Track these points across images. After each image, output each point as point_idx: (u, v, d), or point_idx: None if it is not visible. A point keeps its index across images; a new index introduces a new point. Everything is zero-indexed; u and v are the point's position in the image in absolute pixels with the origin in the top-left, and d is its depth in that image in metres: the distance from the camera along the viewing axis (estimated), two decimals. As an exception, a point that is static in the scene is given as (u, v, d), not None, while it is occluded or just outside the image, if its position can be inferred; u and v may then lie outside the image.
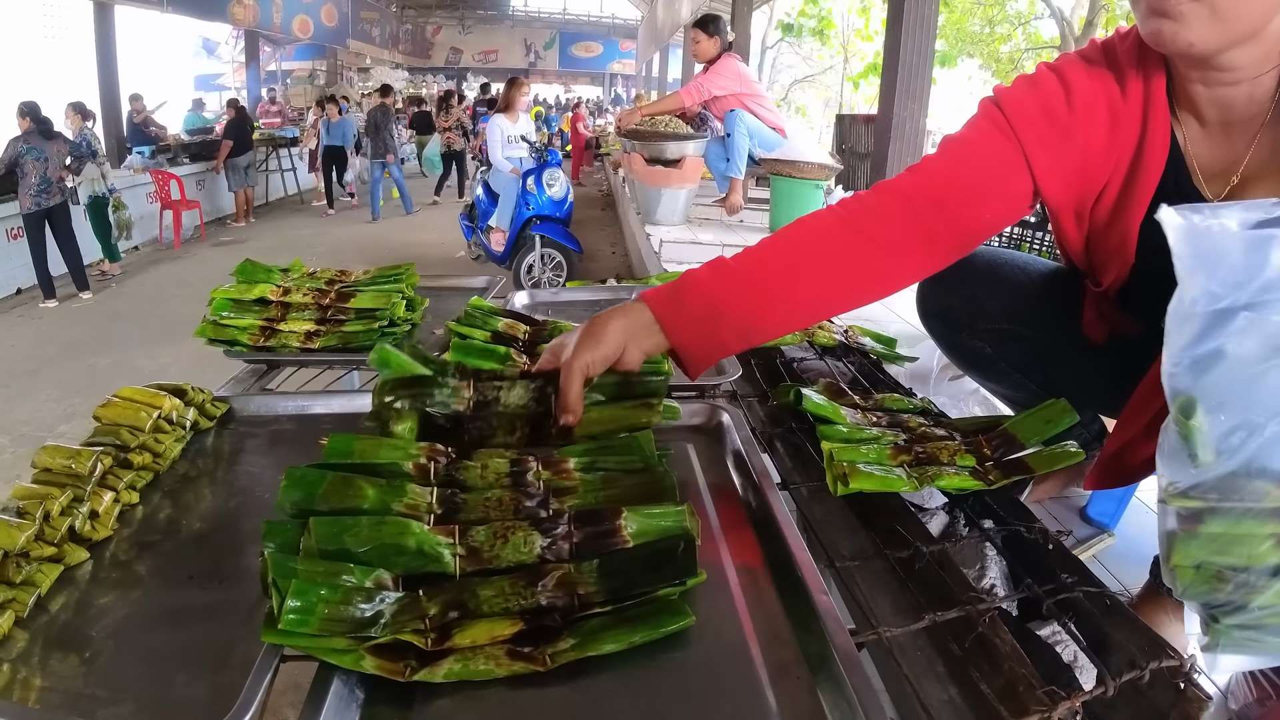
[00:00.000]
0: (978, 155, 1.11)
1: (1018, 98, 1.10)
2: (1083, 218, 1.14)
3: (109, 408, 1.13)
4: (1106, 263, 1.17)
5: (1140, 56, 1.05)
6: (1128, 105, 1.05)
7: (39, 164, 6.42)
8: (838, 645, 0.73)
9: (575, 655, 0.73)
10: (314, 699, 0.68)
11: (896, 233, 1.07)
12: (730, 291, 1.06)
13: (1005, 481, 1.11)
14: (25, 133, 6.43)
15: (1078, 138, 1.07)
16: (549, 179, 6.47)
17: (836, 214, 1.10)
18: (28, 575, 0.86)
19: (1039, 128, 1.07)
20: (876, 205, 1.09)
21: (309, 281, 1.61)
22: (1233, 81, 0.96)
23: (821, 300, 1.10)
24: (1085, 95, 1.07)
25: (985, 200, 1.10)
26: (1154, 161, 1.05)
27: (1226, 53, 0.91)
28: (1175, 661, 0.80)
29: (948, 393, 2.01)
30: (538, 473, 0.94)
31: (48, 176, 6.48)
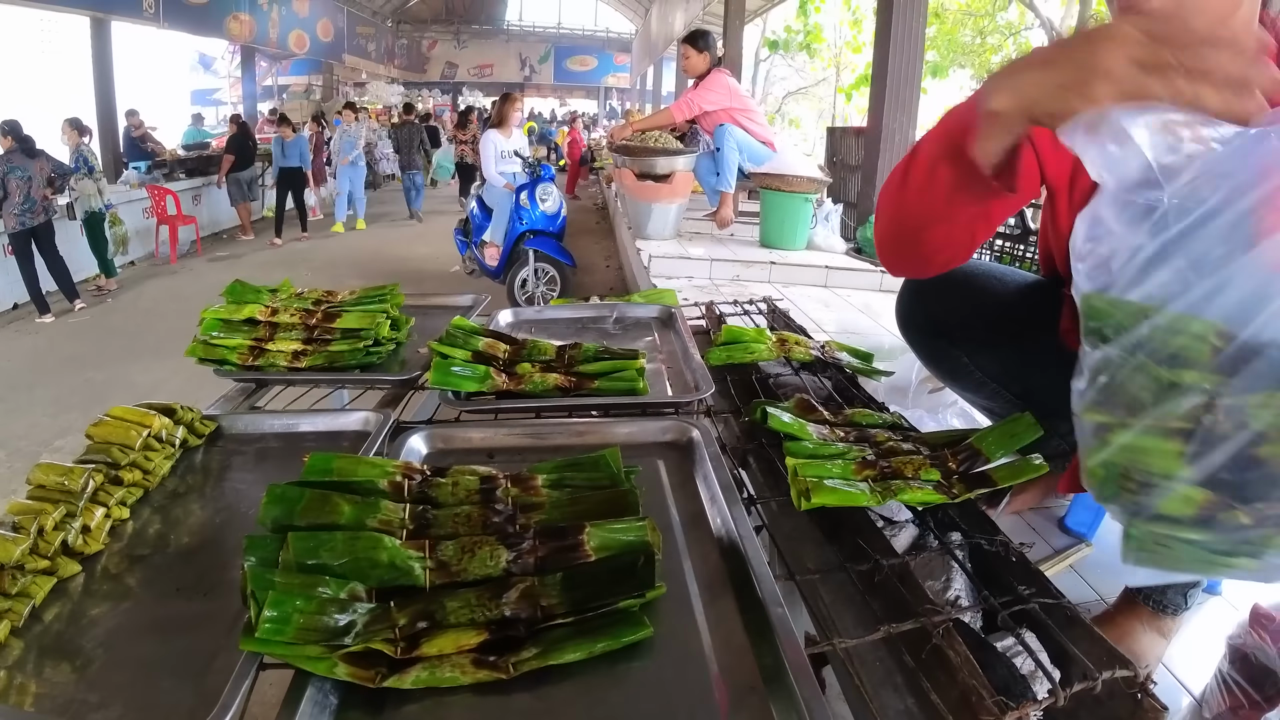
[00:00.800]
0: None
1: None
2: (1074, 193, 1.17)
3: (101, 426, 1.17)
4: None
5: None
6: None
7: (23, 183, 6.43)
8: (790, 657, 0.76)
9: (538, 664, 0.77)
10: (289, 704, 0.71)
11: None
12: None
13: (969, 495, 1.13)
14: (8, 151, 6.45)
15: None
16: (542, 193, 6.50)
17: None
18: (22, 587, 0.90)
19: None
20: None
21: (296, 302, 1.65)
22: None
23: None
24: None
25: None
26: None
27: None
28: (1129, 672, 0.81)
29: (927, 405, 2.05)
30: (506, 489, 0.98)
31: (32, 195, 6.48)
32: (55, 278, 6.89)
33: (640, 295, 2.21)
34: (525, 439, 1.27)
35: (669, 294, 2.12)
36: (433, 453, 1.24)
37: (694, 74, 4.98)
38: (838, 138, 7.15)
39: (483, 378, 1.37)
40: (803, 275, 4.01)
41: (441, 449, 1.25)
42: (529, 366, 1.43)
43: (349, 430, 1.32)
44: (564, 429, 1.29)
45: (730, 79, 4.94)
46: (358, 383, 1.55)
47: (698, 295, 2.17)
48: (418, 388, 1.53)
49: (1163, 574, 0.76)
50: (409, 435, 1.21)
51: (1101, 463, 0.70)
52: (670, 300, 2.05)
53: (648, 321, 1.93)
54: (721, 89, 4.82)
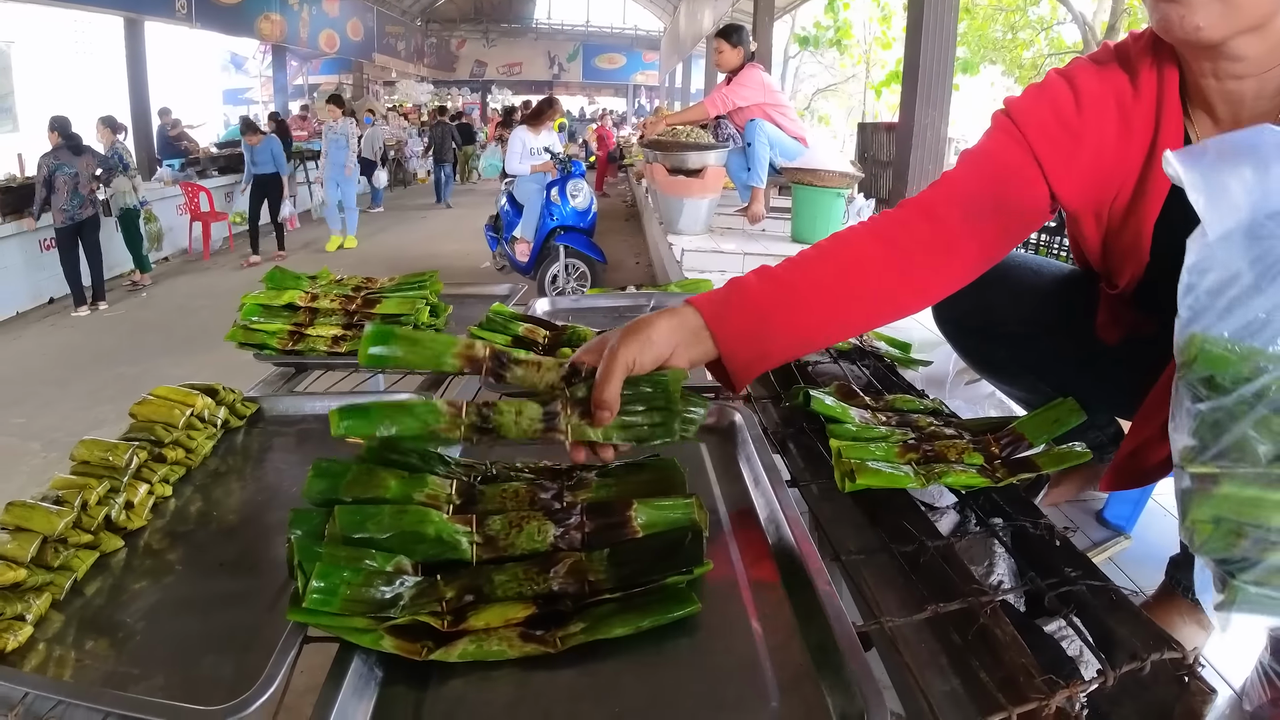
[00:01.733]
0: (993, 166, 1.12)
1: (1027, 106, 1.12)
2: (1101, 218, 1.15)
3: (145, 405, 1.18)
4: (1121, 263, 1.18)
5: (1154, 55, 1.06)
6: (1140, 104, 1.06)
7: (69, 179, 6.56)
8: (838, 633, 0.75)
9: (585, 638, 0.76)
10: (334, 676, 0.71)
11: (926, 247, 1.08)
12: (779, 302, 1.04)
13: (1011, 479, 1.12)
14: (55, 148, 6.59)
15: (1088, 140, 1.08)
16: (573, 189, 6.52)
17: (870, 230, 1.11)
18: (65, 560, 0.91)
19: (1049, 133, 1.08)
20: (905, 220, 1.10)
21: (336, 288, 1.66)
22: (1242, 74, 0.97)
23: (866, 312, 1.10)
24: (1093, 97, 1.08)
25: (1005, 210, 1.11)
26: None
27: (1234, 40, 0.92)
28: (1178, 654, 0.80)
29: (963, 396, 2.03)
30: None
31: (79, 191, 6.62)
32: (93, 274, 7.01)
33: (676, 285, 2.20)
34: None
35: (704, 284, 2.11)
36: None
37: (727, 69, 4.95)
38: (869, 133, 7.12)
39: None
40: (835, 269, 3.97)
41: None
42: (569, 351, 1.42)
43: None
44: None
45: (764, 74, 4.91)
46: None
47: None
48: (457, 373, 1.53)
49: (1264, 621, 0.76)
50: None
51: (1211, 517, 0.69)
52: (706, 289, 2.03)
53: (684, 310, 1.91)
54: (755, 84, 4.80)
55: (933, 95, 4.41)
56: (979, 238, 1.10)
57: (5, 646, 0.79)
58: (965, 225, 1.09)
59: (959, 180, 1.13)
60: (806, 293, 1.06)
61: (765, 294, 1.05)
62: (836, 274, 1.07)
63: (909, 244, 1.08)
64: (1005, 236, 1.13)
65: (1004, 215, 1.11)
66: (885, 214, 1.13)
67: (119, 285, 7.79)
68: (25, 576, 0.86)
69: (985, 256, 1.12)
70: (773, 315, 1.04)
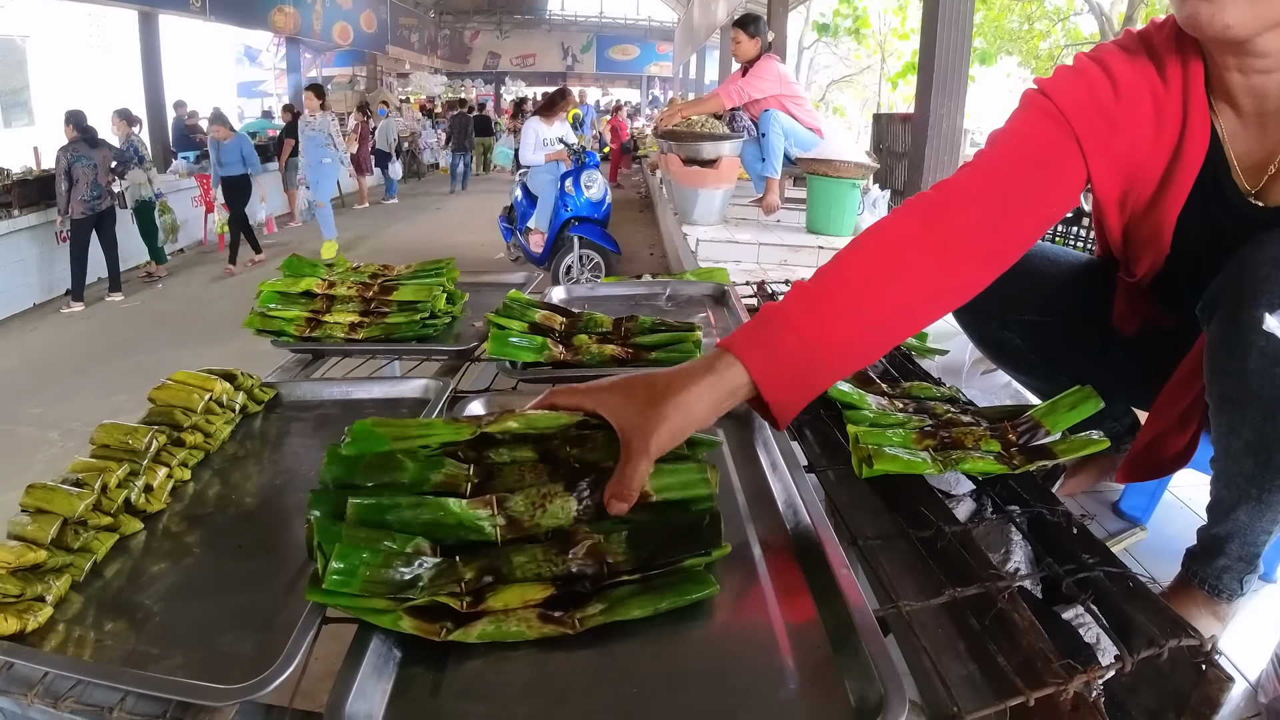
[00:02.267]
0: (1033, 146, 1.08)
1: (1066, 86, 1.08)
2: (1125, 208, 1.14)
3: (164, 390, 1.18)
4: (1141, 252, 1.17)
5: (1178, 46, 1.04)
6: (1169, 95, 1.05)
7: (88, 170, 6.60)
8: (857, 616, 0.75)
9: (603, 620, 0.76)
10: (353, 656, 0.71)
11: (971, 234, 1.03)
12: (825, 328, 0.95)
13: (1029, 466, 1.11)
14: (72, 141, 6.63)
15: (1126, 128, 1.06)
16: (587, 180, 6.53)
17: (911, 219, 1.04)
18: (85, 542, 0.91)
19: (1090, 115, 1.06)
20: (948, 206, 1.05)
21: (353, 275, 1.66)
22: (1268, 69, 0.95)
23: (912, 317, 1.03)
24: (1130, 85, 1.05)
25: (1044, 190, 1.08)
26: (1194, 153, 1.05)
27: (1262, 36, 0.91)
28: (1195, 641, 0.79)
29: (980, 386, 2.02)
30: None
31: (98, 182, 6.67)
32: (109, 265, 7.05)
33: (692, 273, 2.19)
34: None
35: (720, 272, 2.11)
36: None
37: (744, 59, 4.93)
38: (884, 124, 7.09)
39: (540, 348, 1.37)
40: (850, 259, 3.96)
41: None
42: (586, 338, 1.42)
43: (408, 398, 1.33)
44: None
45: (780, 65, 4.89)
46: (414, 353, 1.56)
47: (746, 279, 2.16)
48: (474, 359, 1.54)
49: None
50: (467, 402, 1.21)
51: None
52: (722, 278, 2.03)
53: (700, 299, 1.91)
54: (771, 76, 4.77)
55: (948, 86, 4.37)
56: (1021, 221, 1.07)
57: (25, 627, 0.79)
58: (1008, 208, 1.05)
59: (998, 161, 1.09)
60: (852, 308, 0.98)
61: (811, 324, 0.95)
62: (880, 279, 0.99)
63: (957, 232, 1.02)
64: (1043, 218, 1.11)
65: (1043, 196, 1.08)
66: (924, 199, 1.07)
67: (134, 277, 7.83)
68: (45, 558, 0.86)
69: (1024, 240, 1.09)
70: (821, 348, 0.95)
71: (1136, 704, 0.84)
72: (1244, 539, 1.07)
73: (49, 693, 0.76)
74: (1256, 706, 1.11)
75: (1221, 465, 1.05)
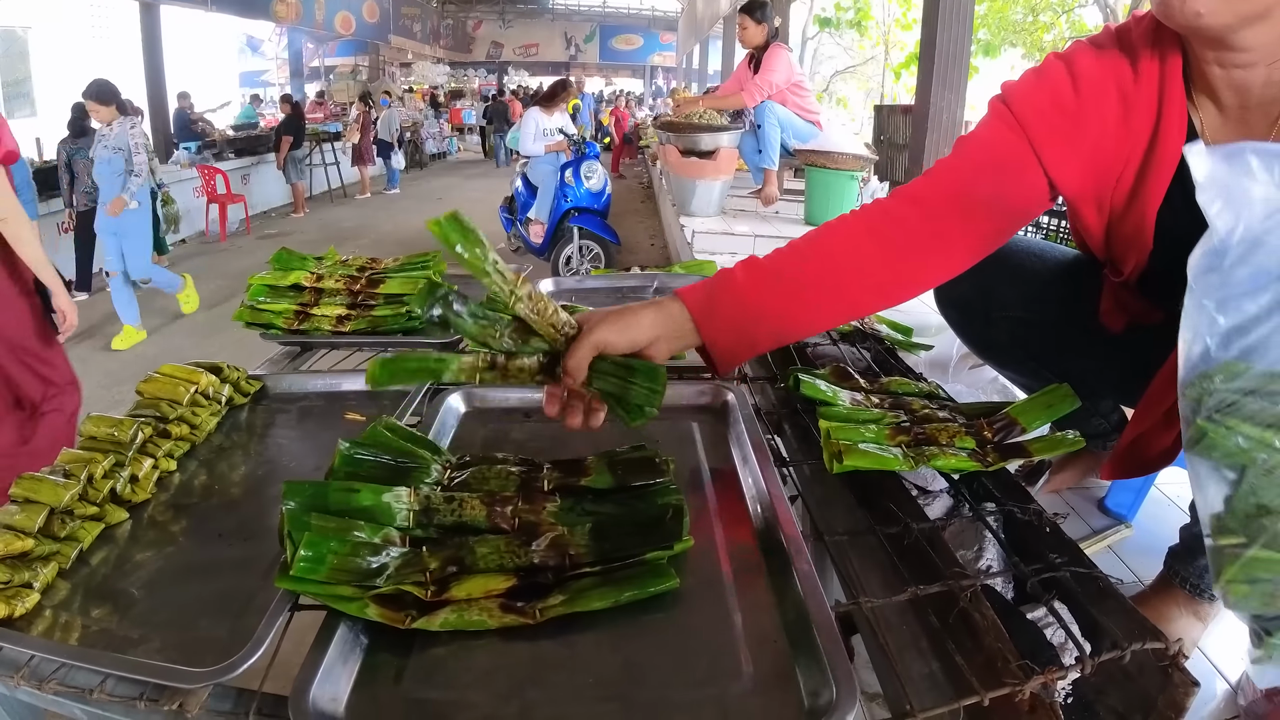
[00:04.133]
0: (987, 154, 1.10)
1: (1024, 92, 1.10)
2: (1103, 207, 1.14)
3: (150, 383, 1.21)
4: (1125, 251, 1.17)
5: (1155, 39, 1.03)
6: (1140, 89, 1.04)
7: (87, 163, 6.57)
8: (814, 612, 0.76)
9: (564, 610, 0.78)
10: (320, 642, 0.74)
11: (916, 240, 1.08)
12: (765, 292, 1.07)
13: (1002, 464, 1.12)
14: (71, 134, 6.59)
15: (1089, 124, 1.06)
16: (587, 171, 6.52)
17: (859, 220, 1.11)
18: (71, 531, 0.94)
19: (1047, 119, 1.07)
20: (895, 212, 1.10)
21: (341, 269, 1.68)
22: (1248, 63, 0.95)
23: (852, 303, 1.12)
24: (1092, 81, 1.06)
25: (1000, 201, 1.10)
26: (1170, 148, 1.04)
27: (1239, 31, 0.90)
28: (1161, 645, 0.79)
29: (966, 381, 2.03)
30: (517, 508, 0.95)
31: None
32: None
33: (681, 266, 2.21)
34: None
35: (709, 265, 2.12)
36: (470, 412, 1.26)
37: (750, 45, 4.91)
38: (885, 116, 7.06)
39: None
40: (847, 253, 3.97)
41: (479, 408, 1.27)
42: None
43: (389, 390, 1.34)
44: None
45: (789, 53, 4.88)
46: (400, 345, 1.58)
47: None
48: (458, 351, 1.55)
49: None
50: (446, 395, 1.23)
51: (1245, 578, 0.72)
52: (710, 271, 2.04)
53: (687, 292, 1.92)
54: (783, 65, 4.76)
55: (950, 78, 4.36)
56: (972, 229, 1.09)
57: (13, 613, 0.82)
58: (957, 217, 1.08)
59: (953, 170, 1.12)
60: (792, 283, 1.08)
61: (751, 284, 1.07)
62: (823, 266, 1.09)
63: (899, 237, 1.08)
64: (1000, 228, 1.13)
65: (998, 207, 1.10)
66: (878, 203, 1.13)
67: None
68: (33, 546, 0.89)
69: (978, 248, 1.12)
70: (758, 305, 1.06)
71: (1104, 706, 0.84)
72: None
73: (35, 675, 0.79)
74: (1235, 709, 1.12)
75: None
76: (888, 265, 1.09)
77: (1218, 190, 0.68)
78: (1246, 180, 0.65)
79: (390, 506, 0.88)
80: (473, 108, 21.01)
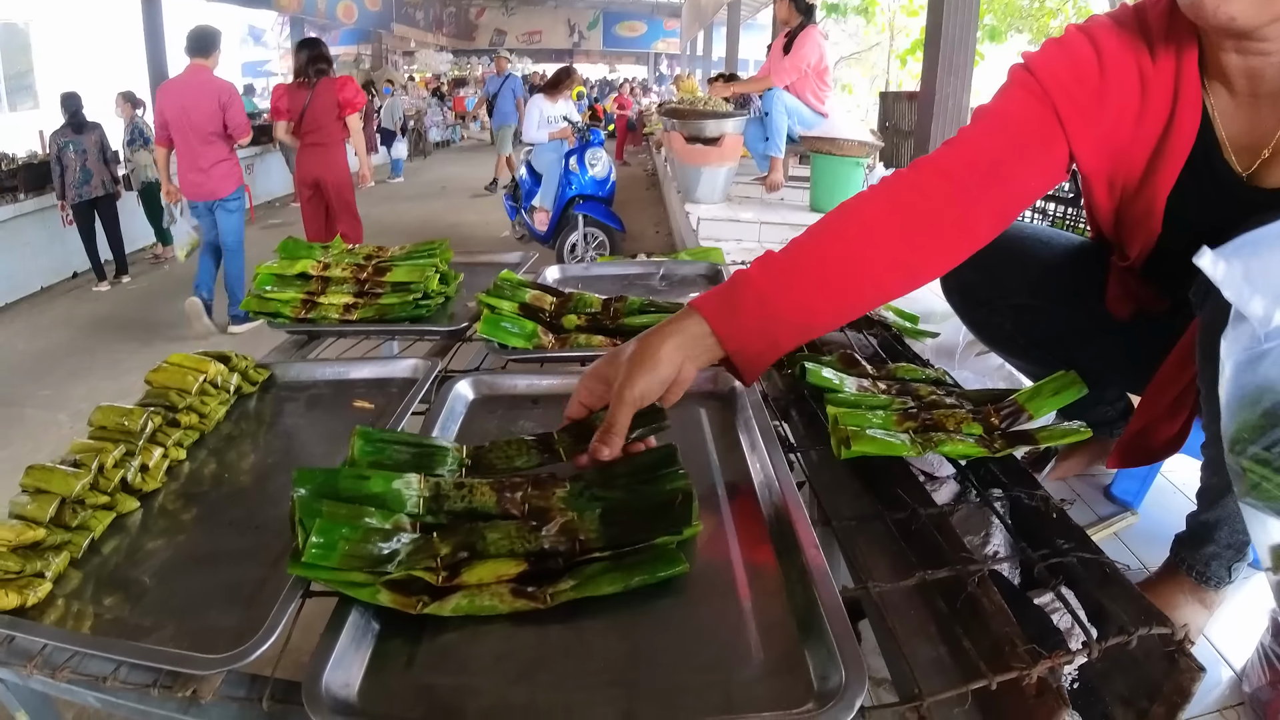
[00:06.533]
0: (1013, 123, 1.08)
1: (1050, 61, 1.07)
2: (1114, 186, 1.13)
3: (159, 372, 1.21)
4: (1133, 234, 1.16)
5: (1170, 24, 1.02)
6: (1159, 72, 1.03)
7: (78, 156, 6.54)
8: (823, 597, 0.76)
9: (575, 595, 0.78)
10: (332, 628, 0.74)
11: (942, 211, 1.05)
12: (785, 288, 1.02)
13: (1009, 450, 1.12)
14: (63, 126, 6.57)
15: (1110, 103, 1.05)
16: (591, 158, 6.51)
17: (881, 195, 1.08)
18: (82, 520, 0.95)
19: (1072, 91, 1.05)
20: (920, 183, 1.07)
21: (348, 257, 1.68)
22: (1268, 52, 0.94)
23: (877, 286, 1.08)
24: (1117, 60, 1.04)
25: (1024, 168, 1.07)
26: (1184, 131, 1.04)
27: (1267, 27, 0.90)
28: (1167, 630, 0.79)
29: (973, 368, 2.03)
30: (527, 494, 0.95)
31: (87, 167, 6.58)
32: (112, 249, 7.03)
33: (687, 253, 2.20)
34: (570, 387, 1.28)
35: (715, 252, 2.12)
36: (478, 399, 1.26)
37: (783, 21, 4.92)
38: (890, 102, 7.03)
39: (530, 336, 1.39)
40: (852, 240, 3.95)
41: (487, 395, 1.27)
42: (575, 319, 1.44)
43: (397, 378, 1.35)
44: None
45: (822, 38, 4.88)
46: (407, 333, 1.58)
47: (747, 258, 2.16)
48: (466, 339, 1.56)
49: None
50: (454, 382, 1.23)
51: None
52: (717, 258, 2.04)
53: (694, 279, 1.93)
54: (815, 48, 4.75)
55: (955, 63, 4.33)
56: (996, 199, 1.07)
57: (26, 602, 0.82)
58: (983, 186, 1.05)
59: (976, 138, 1.09)
60: (813, 274, 1.04)
61: (769, 282, 1.03)
62: (845, 251, 1.05)
63: (924, 208, 1.05)
64: (1021, 197, 1.11)
65: (1022, 175, 1.08)
66: (898, 175, 1.09)
67: (142, 259, 7.84)
68: (44, 536, 0.90)
69: (1000, 219, 1.09)
70: (778, 304, 1.02)
71: (1110, 691, 0.84)
72: (1233, 526, 1.08)
73: (47, 664, 0.79)
74: (1240, 695, 1.13)
75: (1212, 452, 1.05)
76: (911, 242, 1.05)
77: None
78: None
79: (401, 493, 0.89)
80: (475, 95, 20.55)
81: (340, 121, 5.17)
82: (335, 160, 5.30)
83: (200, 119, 5.00)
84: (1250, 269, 0.72)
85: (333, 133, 5.18)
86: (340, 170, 5.36)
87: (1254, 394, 0.75)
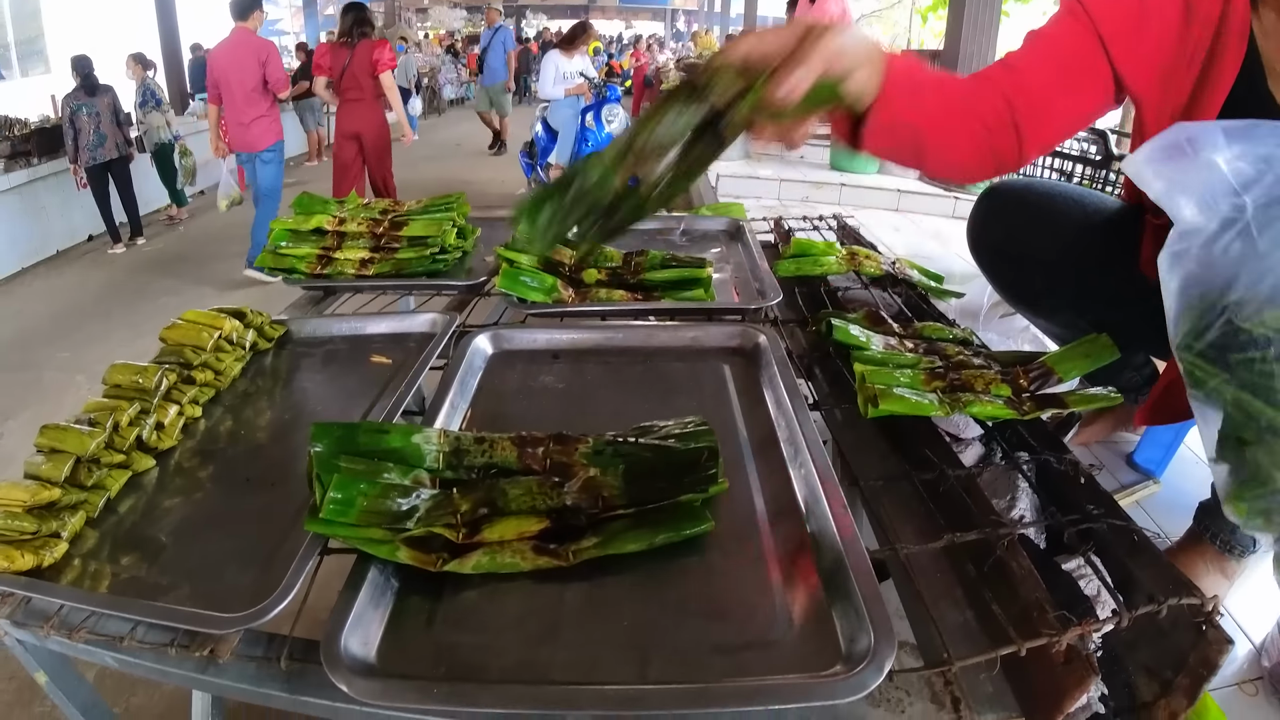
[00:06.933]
0: (1058, 46, 1.07)
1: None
2: (1162, 115, 1.09)
3: (174, 329, 1.20)
4: None
5: None
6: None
7: (91, 119, 6.51)
8: (851, 559, 0.75)
9: (597, 553, 0.77)
10: (351, 586, 0.73)
11: (992, 116, 1.04)
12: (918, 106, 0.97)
13: (1038, 413, 1.10)
14: (75, 89, 6.54)
15: (1151, 23, 1.02)
16: (608, 115, 6.44)
17: (965, 88, 1.06)
18: (98, 479, 0.93)
19: (1114, 14, 1.03)
20: (976, 90, 1.05)
21: (364, 212, 1.66)
22: None
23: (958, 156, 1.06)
24: None
25: (1069, 91, 1.06)
26: (1229, 61, 1.01)
27: None
28: (1196, 600, 0.78)
29: (998, 330, 2.00)
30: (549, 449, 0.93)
31: (100, 130, 6.56)
32: (127, 211, 7.03)
33: (708, 208, 2.17)
34: (590, 341, 1.27)
35: (736, 207, 2.08)
36: (497, 353, 1.24)
37: None
38: (913, 60, 6.91)
39: (549, 289, 1.36)
40: (874, 198, 3.91)
41: (506, 349, 1.25)
42: (595, 273, 1.42)
43: (415, 332, 1.34)
44: (630, 331, 1.28)
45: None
46: (424, 288, 1.56)
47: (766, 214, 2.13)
48: (484, 294, 1.54)
49: None
50: (473, 336, 1.22)
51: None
52: (738, 213, 2.01)
53: (715, 234, 1.90)
54: (837, 3, 4.68)
55: (980, 21, 4.23)
56: (1040, 116, 1.05)
57: (42, 562, 0.82)
58: (1027, 103, 1.04)
59: (1023, 59, 1.08)
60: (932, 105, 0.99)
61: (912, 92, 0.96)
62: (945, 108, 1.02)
63: (984, 113, 1.04)
64: (1066, 119, 1.10)
65: (1067, 96, 1.06)
66: (971, 80, 1.08)
67: (156, 220, 7.82)
68: (60, 495, 0.89)
69: (1045, 138, 1.09)
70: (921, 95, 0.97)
71: (1134, 660, 0.83)
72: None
73: (64, 624, 0.79)
74: (1259, 669, 1.11)
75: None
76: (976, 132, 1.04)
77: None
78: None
79: (420, 448, 0.87)
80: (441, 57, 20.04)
81: (374, 79, 5.56)
82: (373, 115, 5.71)
83: (244, 76, 5.40)
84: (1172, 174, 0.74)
85: (368, 89, 5.60)
86: (378, 124, 5.76)
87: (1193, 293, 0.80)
